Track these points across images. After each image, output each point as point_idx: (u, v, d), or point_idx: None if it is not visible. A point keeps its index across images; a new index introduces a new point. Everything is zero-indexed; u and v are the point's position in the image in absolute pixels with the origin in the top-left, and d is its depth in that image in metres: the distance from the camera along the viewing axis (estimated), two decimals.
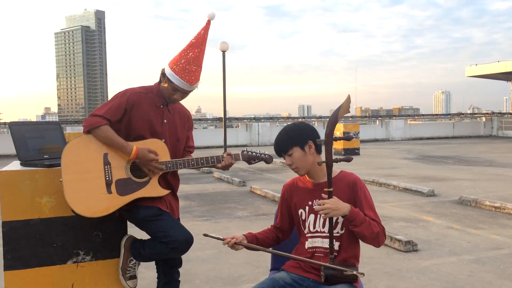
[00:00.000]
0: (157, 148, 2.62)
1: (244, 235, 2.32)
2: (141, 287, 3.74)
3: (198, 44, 2.60)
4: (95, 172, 2.52)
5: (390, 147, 20.80)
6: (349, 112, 2.12)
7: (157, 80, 2.71)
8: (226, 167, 2.69)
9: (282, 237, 2.42)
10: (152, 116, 2.65)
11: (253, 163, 2.71)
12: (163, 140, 2.68)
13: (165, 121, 2.70)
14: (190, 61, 2.57)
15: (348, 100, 2.11)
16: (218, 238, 2.26)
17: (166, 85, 2.62)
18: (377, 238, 2.12)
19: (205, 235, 2.32)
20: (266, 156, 2.73)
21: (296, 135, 2.24)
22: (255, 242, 2.33)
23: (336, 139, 2.15)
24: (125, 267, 2.71)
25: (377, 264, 4.33)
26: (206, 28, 2.62)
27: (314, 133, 2.26)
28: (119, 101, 2.60)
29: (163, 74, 2.64)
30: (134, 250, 2.70)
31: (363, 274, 2.04)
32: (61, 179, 2.48)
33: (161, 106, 2.70)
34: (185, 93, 2.64)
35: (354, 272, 2.05)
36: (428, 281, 3.89)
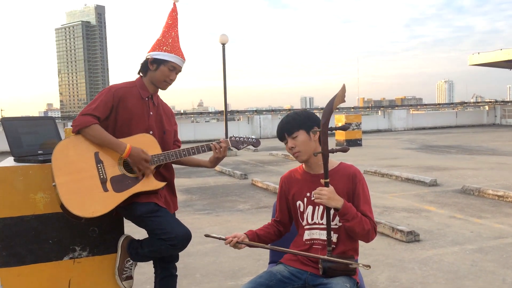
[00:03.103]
0: (147, 142, 2.58)
1: (245, 233, 2.29)
2: (140, 282, 3.72)
3: (175, 25, 2.74)
4: (89, 171, 2.46)
5: (392, 137, 20.73)
6: (344, 101, 2.07)
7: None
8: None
9: (283, 231, 2.39)
10: (139, 108, 2.64)
11: (242, 148, 2.80)
12: (151, 132, 2.65)
13: (151, 113, 2.69)
14: (175, 39, 2.71)
15: (343, 89, 2.06)
16: (219, 238, 2.24)
17: (158, 70, 2.64)
18: (367, 235, 2.09)
19: (207, 235, 2.29)
20: (253, 140, 2.81)
21: (303, 118, 2.22)
22: (256, 239, 2.29)
23: (332, 129, 2.11)
24: (121, 267, 2.68)
25: (379, 255, 4.30)
26: (175, 10, 2.77)
27: (319, 123, 2.22)
28: (106, 98, 2.56)
29: (150, 62, 2.65)
30: (132, 250, 2.67)
31: (369, 266, 1.99)
32: (53, 183, 2.40)
33: (146, 99, 2.68)
34: (179, 71, 2.72)
35: (361, 265, 2.00)
36: (431, 271, 3.85)
